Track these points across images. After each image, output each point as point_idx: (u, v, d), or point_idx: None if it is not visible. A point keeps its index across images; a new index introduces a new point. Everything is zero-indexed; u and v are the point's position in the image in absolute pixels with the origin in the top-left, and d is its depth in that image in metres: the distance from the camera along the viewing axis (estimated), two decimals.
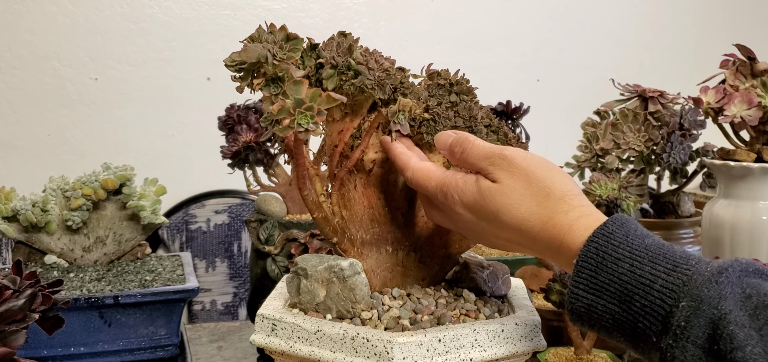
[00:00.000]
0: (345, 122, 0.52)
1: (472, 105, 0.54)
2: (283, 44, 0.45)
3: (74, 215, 1.00)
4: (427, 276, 0.58)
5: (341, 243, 0.53)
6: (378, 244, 0.56)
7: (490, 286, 0.55)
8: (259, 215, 1.07)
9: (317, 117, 0.42)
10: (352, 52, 0.49)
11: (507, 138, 0.54)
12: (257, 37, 0.47)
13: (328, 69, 0.48)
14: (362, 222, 0.55)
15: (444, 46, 2.09)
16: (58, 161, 1.79)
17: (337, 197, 0.54)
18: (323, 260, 0.52)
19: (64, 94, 1.78)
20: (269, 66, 0.44)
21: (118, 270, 1.03)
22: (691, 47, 2.36)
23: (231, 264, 1.84)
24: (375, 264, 0.55)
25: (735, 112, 0.96)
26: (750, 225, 0.95)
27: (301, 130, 0.42)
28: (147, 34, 1.82)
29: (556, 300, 0.81)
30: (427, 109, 0.54)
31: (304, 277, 0.52)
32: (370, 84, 0.48)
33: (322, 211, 0.52)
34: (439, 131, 0.54)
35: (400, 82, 0.52)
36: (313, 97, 0.42)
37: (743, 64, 1.00)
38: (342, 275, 0.50)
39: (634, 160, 1.14)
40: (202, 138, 1.51)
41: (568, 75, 2.22)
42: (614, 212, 0.93)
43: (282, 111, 0.42)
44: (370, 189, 0.55)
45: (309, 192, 0.51)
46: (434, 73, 0.55)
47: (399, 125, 0.50)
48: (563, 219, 0.48)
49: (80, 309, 0.92)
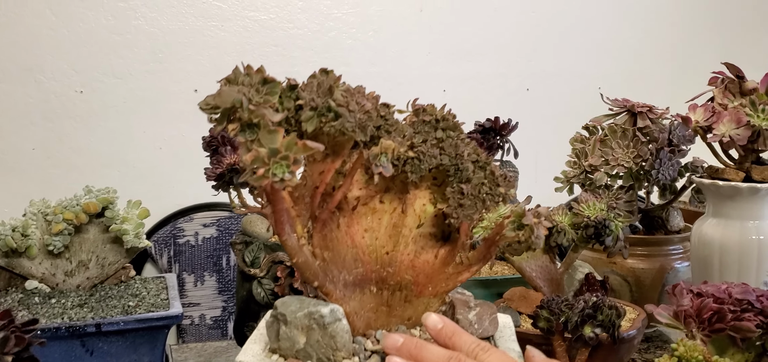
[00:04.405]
0: (326, 163, 0.50)
1: (458, 142, 0.53)
2: (260, 87, 0.44)
3: (55, 240, 0.98)
4: (412, 316, 0.56)
5: (323, 286, 0.52)
6: (362, 285, 0.54)
7: (476, 328, 0.54)
8: (245, 237, 1.06)
9: (293, 166, 0.41)
10: (332, 92, 0.47)
11: (494, 175, 0.53)
12: (233, 78, 0.45)
13: (307, 111, 0.47)
14: (345, 262, 0.54)
15: (433, 55, 2.08)
16: (43, 175, 1.77)
17: (319, 238, 0.53)
18: (303, 305, 0.50)
19: (48, 108, 1.76)
20: (244, 111, 0.43)
21: (101, 294, 1.01)
22: (679, 54, 2.36)
23: (219, 278, 1.83)
24: (358, 306, 0.54)
25: (724, 131, 0.96)
26: (739, 245, 0.95)
27: (277, 180, 0.41)
28: (133, 46, 1.80)
29: (544, 327, 0.80)
30: (412, 146, 0.53)
31: (283, 323, 0.50)
32: (350, 127, 0.46)
33: (303, 255, 0.51)
34: (424, 169, 0.53)
35: (384, 119, 0.51)
36: (289, 145, 0.41)
37: (732, 82, 0.99)
38: (322, 322, 0.49)
39: (623, 176, 1.13)
40: (189, 150, 1.49)
41: (558, 84, 2.21)
42: (603, 233, 0.92)
43: (256, 161, 0.41)
44: (353, 227, 0.54)
45: (288, 237, 0.49)
46: (420, 108, 0.54)
47: (381, 167, 0.48)
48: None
49: (61, 338, 0.90)
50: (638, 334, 0.90)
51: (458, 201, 0.52)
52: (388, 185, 0.55)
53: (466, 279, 0.55)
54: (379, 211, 0.55)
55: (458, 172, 0.53)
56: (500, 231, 0.52)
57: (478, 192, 0.52)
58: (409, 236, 0.55)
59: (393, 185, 0.55)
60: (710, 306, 0.72)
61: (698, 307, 0.73)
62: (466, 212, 0.52)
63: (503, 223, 0.51)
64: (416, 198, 0.55)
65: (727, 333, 0.71)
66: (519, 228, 0.50)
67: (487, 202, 0.52)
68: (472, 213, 0.52)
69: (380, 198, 0.55)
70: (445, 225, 0.55)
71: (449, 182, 0.53)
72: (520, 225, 0.50)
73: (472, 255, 0.55)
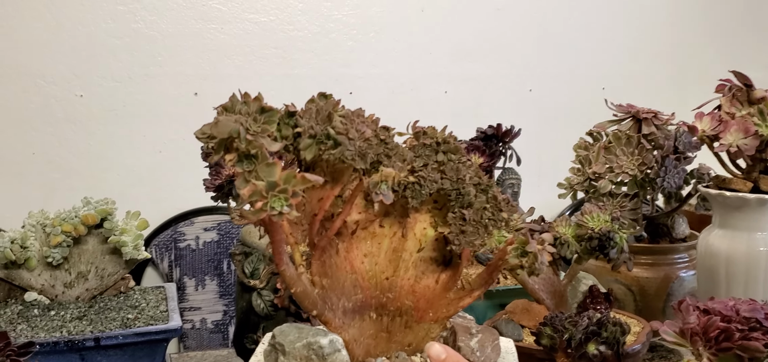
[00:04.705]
0: (325, 190, 0.49)
1: (460, 165, 0.52)
2: (257, 116, 0.43)
3: (54, 252, 0.98)
4: (413, 342, 0.55)
5: (322, 315, 0.51)
6: (361, 311, 0.53)
7: (479, 356, 0.53)
8: (244, 247, 1.05)
9: (292, 199, 0.40)
10: (331, 119, 0.46)
11: (496, 200, 0.52)
12: (231, 106, 0.44)
13: (306, 139, 0.46)
14: (344, 289, 0.53)
15: (435, 56, 2.06)
16: (43, 180, 1.76)
17: (318, 265, 0.51)
18: (302, 335, 0.49)
19: (48, 112, 1.75)
20: (242, 141, 0.42)
21: (100, 306, 1.00)
22: (682, 56, 2.34)
23: (221, 282, 1.82)
24: (358, 333, 0.53)
25: (731, 140, 0.94)
26: (746, 257, 0.93)
27: (275, 213, 0.40)
28: (132, 50, 1.79)
29: (547, 344, 0.79)
30: (413, 170, 0.51)
31: (281, 353, 0.49)
32: (350, 155, 0.45)
33: (301, 285, 0.50)
34: (424, 194, 0.51)
35: (384, 143, 0.49)
36: (288, 178, 0.40)
37: (740, 91, 0.98)
38: (321, 353, 0.48)
39: (628, 183, 1.12)
40: (189, 154, 1.48)
41: (561, 85, 2.20)
42: (607, 246, 0.91)
43: (254, 194, 0.40)
44: (352, 252, 0.53)
45: (286, 267, 0.48)
46: (420, 131, 0.53)
47: (381, 194, 0.47)
48: None
49: (60, 353, 0.89)
50: (643, 349, 0.88)
51: (460, 228, 0.50)
52: (387, 209, 0.54)
53: (467, 305, 0.54)
54: (378, 235, 0.54)
55: (460, 196, 0.51)
56: (503, 256, 0.51)
57: (480, 218, 0.51)
58: (409, 260, 0.54)
59: (393, 209, 0.54)
60: (717, 324, 0.71)
61: (705, 325, 0.72)
62: (468, 238, 0.50)
63: (506, 249, 0.50)
64: (417, 221, 0.54)
65: (734, 352, 0.69)
66: (522, 255, 0.49)
67: (489, 228, 0.51)
68: (474, 240, 0.50)
69: (380, 223, 0.54)
70: (447, 250, 0.54)
71: (451, 206, 0.52)
72: (524, 252, 0.49)
73: (474, 281, 0.54)
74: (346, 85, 1.95)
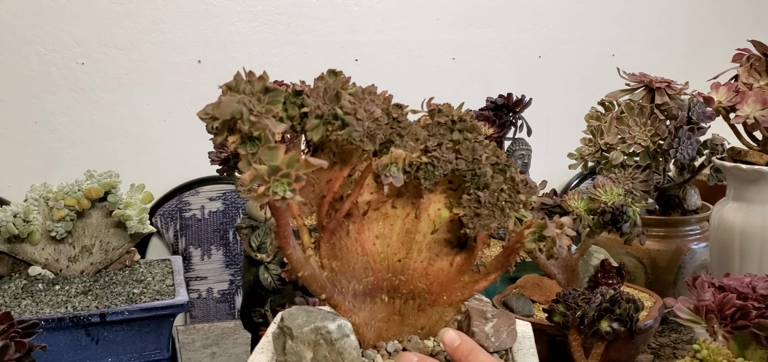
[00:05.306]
0: (334, 171, 0.47)
1: (476, 145, 0.50)
2: (262, 96, 0.41)
3: (58, 226, 0.96)
4: (426, 325, 0.54)
5: (331, 298, 0.49)
6: (372, 294, 0.52)
7: (493, 341, 0.51)
8: (251, 221, 1.03)
9: (296, 183, 0.38)
10: (339, 98, 0.44)
11: (514, 181, 0.50)
12: (235, 86, 0.42)
13: (313, 119, 0.43)
14: (355, 271, 0.51)
15: (443, 22, 2.02)
16: (46, 149, 1.74)
17: (327, 248, 0.50)
18: (311, 319, 0.48)
19: (49, 80, 1.72)
20: (245, 123, 0.39)
21: (105, 280, 0.99)
22: (696, 21, 2.29)
23: (226, 251, 1.81)
24: (368, 317, 0.51)
25: (748, 112, 0.92)
26: (761, 230, 0.92)
27: (278, 198, 0.38)
28: (134, 16, 1.75)
29: (560, 321, 0.77)
30: (427, 150, 0.49)
31: (289, 337, 0.48)
32: (358, 136, 0.43)
33: (309, 268, 0.48)
34: (438, 175, 0.49)
35: (396, 121, 0.47)
36: (291, 162, 0.38)
37: (758, 60, 0.95)
38: (329, 338, 0.46)
39: (640, 154, 1.09)
40: (193, 123, 1.45)
41: (570, 51, 2.15)
42: (620, 220, 0.89)
43: (256, 178, 0.38)
44: (364, 234, 0.51)
45: (293, 250, 0.46)
46: (435, 108, 0.50)
47: (391, 177, 0.45)
48: None
49: (66, 328, 0.88)
50: (655, 324, 0.87)
51: (475, 210, 0.49)
52: (400, 190, 0.52)
53: (482, 288, 0.52)
54: (391, 216, 0.52)
55: (475, 177, 0.49)
56: (520, 240, 0.49)
57: (497, 200, 0.49)
58: (422, 242, 0.53)
59: (406, 189, 0.52)
60: (733, 302, 0.69)
61: (720, 303, 0.70)
62: (483, 222, 0.48)
63: (523, 233, 0.48)
64: (431, 202, 0.52)
65: (750, 330, 0.68)
66: (540, 240, 0.47)
67: (506, 210, 0.49)
68: (490, 223, 0.49)
69: (392, 203, 0.52)
70: (461, 232, 0.52)
71: (466, 187, 0.50)
72: (542, 236, 0.47)
73: (490, 264, 0.52)
74: (352, 52, 1.91)
